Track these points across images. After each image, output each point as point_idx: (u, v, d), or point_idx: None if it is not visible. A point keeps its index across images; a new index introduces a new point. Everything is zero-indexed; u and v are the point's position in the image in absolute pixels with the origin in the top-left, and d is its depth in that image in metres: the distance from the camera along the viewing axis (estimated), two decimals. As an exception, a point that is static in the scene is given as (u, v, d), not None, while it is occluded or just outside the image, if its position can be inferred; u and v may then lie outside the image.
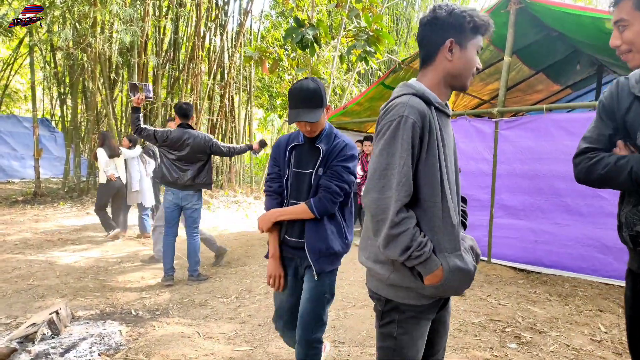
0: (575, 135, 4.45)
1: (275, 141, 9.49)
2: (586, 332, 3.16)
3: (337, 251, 2.03)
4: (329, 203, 1.95)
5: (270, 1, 20.54)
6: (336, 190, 1.95)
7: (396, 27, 16.35)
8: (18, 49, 13.11)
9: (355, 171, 2.04)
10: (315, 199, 1.97)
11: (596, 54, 6.47)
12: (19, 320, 3.23)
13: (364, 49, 5.89)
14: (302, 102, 1.92)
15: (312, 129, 1.97)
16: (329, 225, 2.02)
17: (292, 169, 2.07)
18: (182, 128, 4.21)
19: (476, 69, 1.42)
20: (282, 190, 2.11)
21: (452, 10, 1.37)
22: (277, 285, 2.12)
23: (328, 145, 2.02)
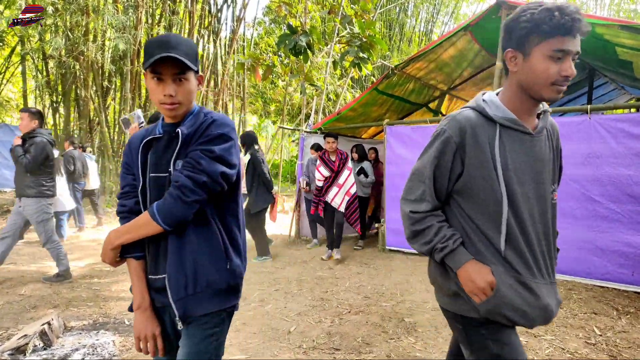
0: (567, 138, 4.48)
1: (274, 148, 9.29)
2: (581, 335, 3.16)
3: (211, 281, 1.39)
4: (178, 203, 1.32)
5: (264, 8, 20.63)
6: (187, 183, 1.33)
7: (389, 32, 16.46)
8: (10, 58, 13.05)
9: (232, 159, 1.43)
10: (159, 201, 1.36)
11: (587, 58, 6.54)
12: (11, 331, 3.18)
13: (357, 55, 5.91)
14: (164, 46, 1.33)
15: (176, 96, 1.37)
16: (195, 241, 1.39)
17: (149, 174, 1.44)
18: None
19: (563, 77, 1.22)
20: (139, 209, 1.46)
21: (517, 12, 1.25)
22: (151, 350, 1.44)
23: (191, 129, 1.41)
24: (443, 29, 18.56)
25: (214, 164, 1.37)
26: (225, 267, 1.43)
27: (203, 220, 1.41)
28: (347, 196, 5.47)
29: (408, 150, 5.75)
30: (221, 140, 1.40)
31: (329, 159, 5.60)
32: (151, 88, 1.39)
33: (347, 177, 5.51)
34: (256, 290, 4.31)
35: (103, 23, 9.50)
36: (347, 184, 5.49)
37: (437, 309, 3.69)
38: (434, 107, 7.79)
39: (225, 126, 1.42)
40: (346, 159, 5.59)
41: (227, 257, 1.44)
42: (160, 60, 1.32)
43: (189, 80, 1.39)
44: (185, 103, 1.41)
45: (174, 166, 1.40)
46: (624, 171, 4.15)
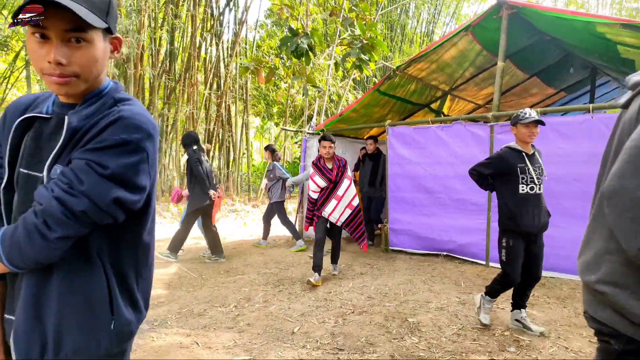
0: (569, 137, 4.48)
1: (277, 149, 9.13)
2: (585, 334, 3.16)
3: (81, 348, 0.97)
4: (35, 239, 0.88)
5: (265, 10, 20.70)
6: (53, 211, 0.88)
7: (390, 34, 16.48)
8: (14, 63, 13.15)
9: (138, 179, 0.98)
10: (9, 227, 0.94)
11: (589, 57, 6.53)
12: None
13: (358, 56, 5.94)
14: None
15: (69, 65, 0.92)
16: (64, 286, 0.96)
17: (19, 167, 1.01)
18: None
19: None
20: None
21: None
22: None
23: (86, 121, 0.97)
24: (444, 30, 18.56)
25: (105, 184, 0.92)
26: (107, 326, 0.99)
27: (80, 256, 0.97)
28: (348, 209, 4.71)
29: (410, 151, 5.76)
30: (123, 152, 0.94)
31: (325, 166, 4.69)
32: (31, 49, 0.94)
33: (348, 187, 4.71)
34: (260, 291, 4.33)
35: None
36: (347, 195, 4.69)
37: (440, 309, 3.70)
38: (436, 108, 7.80)
39: (134, 129, 0.95)
40: (345, 167, 4.75)
41: (112, 311, 1.00)
42: (39, 4, 0.85)
43: (91, 43, 0.94)
44: (85, 76, 0.95)
45: (48, 172, 0.95)
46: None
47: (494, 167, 3.21)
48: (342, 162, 4.77)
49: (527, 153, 3.14)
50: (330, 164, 4.72)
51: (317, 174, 4.70)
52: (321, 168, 4.70)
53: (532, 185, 3.05)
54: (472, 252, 5.26)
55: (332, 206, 4.67)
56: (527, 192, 3.05)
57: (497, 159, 3.20)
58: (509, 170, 3.09)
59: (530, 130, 3.10)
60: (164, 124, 12.00)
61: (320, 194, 4.72)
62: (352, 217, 4.75)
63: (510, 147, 3.21)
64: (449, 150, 5.41)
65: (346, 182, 4.71)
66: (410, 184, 5.77)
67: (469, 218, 5.27)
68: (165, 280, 4.79)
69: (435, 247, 5.66)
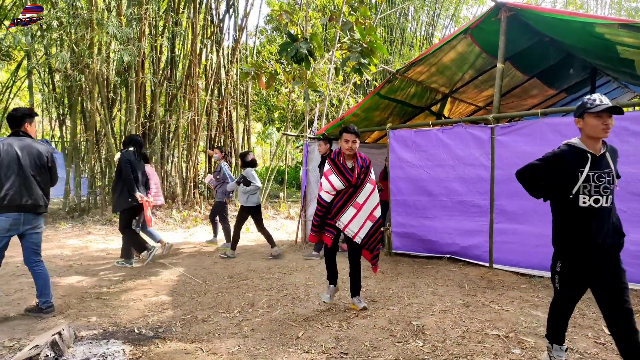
0: (570, 138, 4.47)
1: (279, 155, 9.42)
2: (590, 335, 3.15)
3: None
4: None
5: (265, 17, 20.80)
6: None
7: (390, 37, 16.53)
8: (17, 72, 13.25)
9: None
10: None
11: (589, 57, 6.54)
12: (22, 342, 3.22)
13: (358, 60, 5.96)
14: None
15: None
16: None
17: None
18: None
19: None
20: None
21: None
22: None
23: None
24: (444, 32, 18.61)
25: None
26: None
27: None
28: (369, 221, 3.81)
29: (411, 154, 5.76)
30: None
31: (344, 165, 3.77)
32: None
33: (370, 194, 3.82)
34: (264, 296, 4.33)
35: (107, 36, 9.62)
36: (369, 203, 3.81)
37: (445, 312, 3.69)
38: (436, 110, 7.81)
39: None
40: (369, 167, 3.87)
41: None
42: None
43: None
44: None
45: None
46: (628, 169, 4.14)
47: (547, 170, 2.47)
48: (367, 162, 3.85)
49: (593, 154, 2.36)
50: (350, 163, 3.80)
51: (333, 172, 3.75)
52: (339, 165, 3.75)
53: (597, 196, 2.32)
54: (475, 254, 5.26)
55: (350, 216, 3.76)
56: (590, 205, 2.34)
57: (553, 159, 2.46)
58: (567, 176, 2.38)
59: (604, 121, 2.28)
60: (166, 130, 12.04)
61: (336, 198, 3.79)
62: (373, 231, 3.84)
63: (572, 145, 2.45)
64: (450, 152, 5.42)
65: (369, 187, 3.81)
66: (412, 187, 5.77)
67: (471, 220, 5.27)
68: (170, 286, 4.79)
69: (438, 250, 5.65)
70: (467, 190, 5.28)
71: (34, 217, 3.77)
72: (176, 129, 12.02)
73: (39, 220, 3.85)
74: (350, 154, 3.75)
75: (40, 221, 3.87)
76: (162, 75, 11.84)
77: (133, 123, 10.50)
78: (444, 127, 5.56)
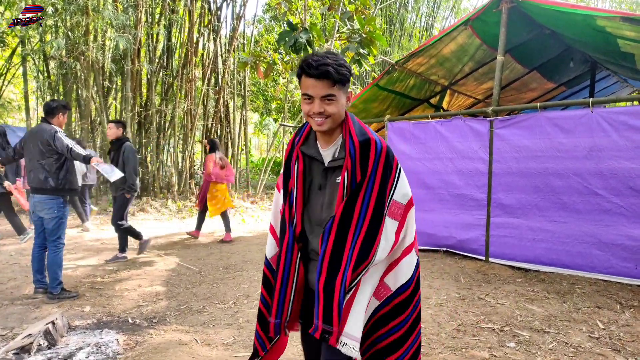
0: (569, 132, 4.46)
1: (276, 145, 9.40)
2: (584, 329, 3.15)
3: None
4: None
5: (263, 5, 20.60)
6: None
7: (389, 28, 16.40)
8: (11, 59, 13.06)
9: None
10: None
11: (589, 51, 6.51)
12: (15, 331, 3.20)
13: (357, 51, 5.90)
14: None
15: None
16: None
17: None
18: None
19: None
20: None
21: None
22: None
23: None
24: (444, 24, 18.47)
25: None
26: None
27: None
28: (376, 299, 1.60)
29: (409, 146, 5.73)
30: None
31: (309, 162, 1.66)
32: None
33: (377, 234, 1.53)
34: (259, 287, 4.31)
35: (103, 23, 9.49)
36: (377, 259, 1.56)
37: (440, 305, 3.69)
38: (436, 103, 7.77)
39: None
40: (383, 165, 1.57)
41: None
42: None
43: None
44: None
45: None
46: (627, 164, 4.13)
47: None
48: (377, 150, 1.52)
49: None
50: (329, 151, 1.56)
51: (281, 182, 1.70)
52: (294, 163, 1.62)
53: None
54: (472, 248, 5.25)
55: (316, 295, 1.49)
56: None
57: None
58: None
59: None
60: (162, 120, 11.94)
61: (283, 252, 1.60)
62: (392, 328, 1.59)
63: None
64: (448, 145, 5.39)
65: (376, 219, 1.51)
66: (409, 180, 5.71)
67: (468, 213, 5.26)
68: (164, 277, 4.77)
69: (435, 243, 5.65)
70: (465, 183, 5.26)
71: (42, 200, 3.87)
72: (172, 119, 11.93)
73: (48, 204, 3.88)
74: (325, 129, 1.49)
75: (49, 205, 3.89)
76: (159, 63, 11.71)
77: (128, 112, 10.40)
78: (442, 120, 5.53)
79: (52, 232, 3.91)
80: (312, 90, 1.44)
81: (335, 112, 1.46)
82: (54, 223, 3.90)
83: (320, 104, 1.44)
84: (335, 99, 1.44)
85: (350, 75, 1.49)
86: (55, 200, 3.89)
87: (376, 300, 1.58)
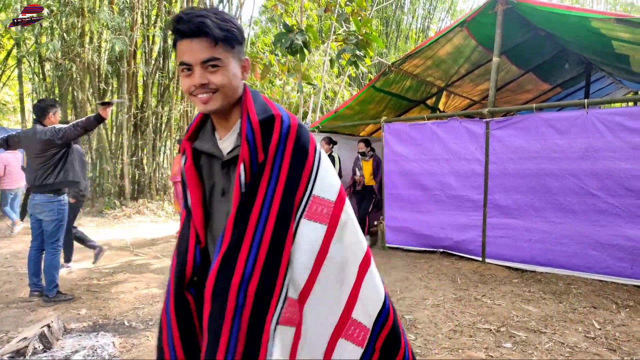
0: (565, 133, 4.48)
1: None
2: (580, 329, 3.16)
3: None
4: None
5: (260, 7, 20.57)
6: None
7: (386, 30, 16.44)
8: (6, 61, 13.01)
9: None
10: None
11: (584, 52, 6.54)
12: (10, 334, 3.18)
13: (353, 52, 5.91)
14: None
15: None
16: None
17: None
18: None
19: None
20: None
21: None
22: None
23: None
24: (440, 25, 18.54)
25: None
26: None
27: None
28: (346, 340, 1.22)
29: (406, 148, 5.74)
30: None
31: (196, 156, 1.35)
32: None
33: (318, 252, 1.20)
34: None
35: (99, 25, 9.47)
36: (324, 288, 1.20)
37: (437, 306, 3.69)
38: (432, 104, 7.79)
39: None
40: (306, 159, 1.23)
41: None
42: None
43: None
44: None
45: None
46: (622, 165, 4.15)
47: None
48: (287, 127, 1.12)
49: None
50: (230, 141, 1.18)
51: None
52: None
53: None
54: (468, 249, 5.26)
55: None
56: None
57: None
58: None
59: None
60: (158, 121, 11.92)
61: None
62: None
63: None
64: (444, 146, 5.40)
65: (307, 232, 1.11)
66: (406, 181, 5.76)
67: (465, 214, 5.27)
68: (161, 279, 4.75)
69: (432, 244, 5.65)
70: (461, 184, 5.27)
71: (43, 202, 3.82)
72: (168, 120, 11.91)
73: (49, 207, 3.84)
74: (213, 108, 1.11)
75: (50, 207, 3.84)
76: (155, 65, 11.69)
77: (124, 114, 10.37)
78: (439, 121, 5.54)
79: (51, 234, 3.88)
80: (188, 55, 1.06)
81: (225, 84, 1.08)
82: (53, 225, 3.87)
83: (202, 73, 1.06)
84: (222, 64, 1.07)
85: (243, 37, 1.13)
86: (56, 203, 3.87)
87: (356, 347, 1.16)
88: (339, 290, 1.14)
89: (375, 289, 1.21)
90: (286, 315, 1.03)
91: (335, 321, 1.13)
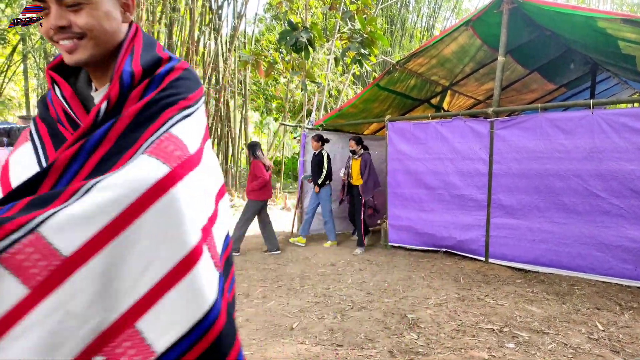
0: (570, 133, 4.46)
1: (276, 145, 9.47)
2: (584, 330, 3.16)
3: None
4: None
5: (265, 4, 20.59)
6: None
7: (391, 28, 16.40)
8: (11, 56, 13.07)
9: None
10: None
11: (589, 52, 6.50)
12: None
13: (358, 51, 5.90)
14: None
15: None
16: None
17: None
18: None
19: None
20: None
21: None
22: None
23: None
24: (445, 24, 18.48)
25: None
26: None
27: None
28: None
29: (410, 147, 5.73)
30: None
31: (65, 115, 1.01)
32: None
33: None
34: (259, 287, 4.32)
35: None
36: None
37: (439, 305, 3.69)
38: (436, 103, 7.77)
39: None
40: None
41: None
42: None
43: None
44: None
45: None
46: (627, 166, 4.13)
47: None
48: (170, 68, 0.90)
49: None
50: (102, 89, 0.92)
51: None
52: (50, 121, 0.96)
53: None
54: (472, 249, 5.26)
55: None
56: None
57: None
58: None
59: None
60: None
61: None
62: None
63: None
64: (448, 145, 5.39)
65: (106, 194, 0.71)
66: (410, 180, 5.75)
67: (468, 214, 5.26)
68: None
69: (435, 244, 5.65)
70: (465, 184, 5.26)
71: None
72: (173, 117, 11.91)
73: None
74: (82, 59, 0.85)
75: None
76: (160, 62, 11.70)
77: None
78: (443, 120, 5.53)
79: None
80: None
81: (94, 26, 0.82)
82: None
83: (60, 12, 0.80)
84: (87, 1, 0.80)
85: None
86: None
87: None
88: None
89: (192, 293, 0.75)
90: None
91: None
